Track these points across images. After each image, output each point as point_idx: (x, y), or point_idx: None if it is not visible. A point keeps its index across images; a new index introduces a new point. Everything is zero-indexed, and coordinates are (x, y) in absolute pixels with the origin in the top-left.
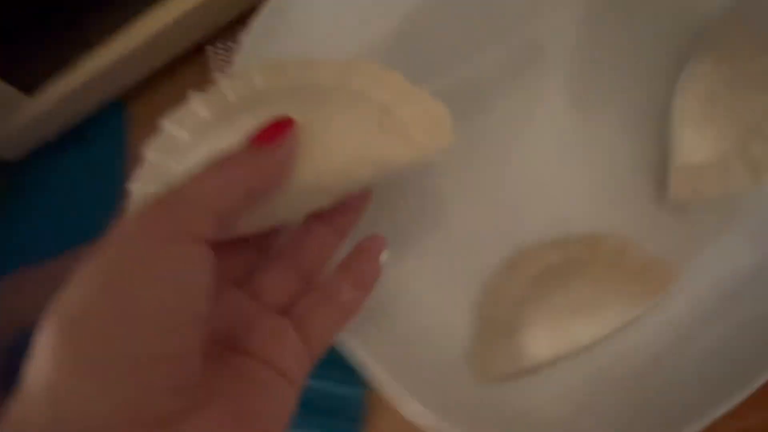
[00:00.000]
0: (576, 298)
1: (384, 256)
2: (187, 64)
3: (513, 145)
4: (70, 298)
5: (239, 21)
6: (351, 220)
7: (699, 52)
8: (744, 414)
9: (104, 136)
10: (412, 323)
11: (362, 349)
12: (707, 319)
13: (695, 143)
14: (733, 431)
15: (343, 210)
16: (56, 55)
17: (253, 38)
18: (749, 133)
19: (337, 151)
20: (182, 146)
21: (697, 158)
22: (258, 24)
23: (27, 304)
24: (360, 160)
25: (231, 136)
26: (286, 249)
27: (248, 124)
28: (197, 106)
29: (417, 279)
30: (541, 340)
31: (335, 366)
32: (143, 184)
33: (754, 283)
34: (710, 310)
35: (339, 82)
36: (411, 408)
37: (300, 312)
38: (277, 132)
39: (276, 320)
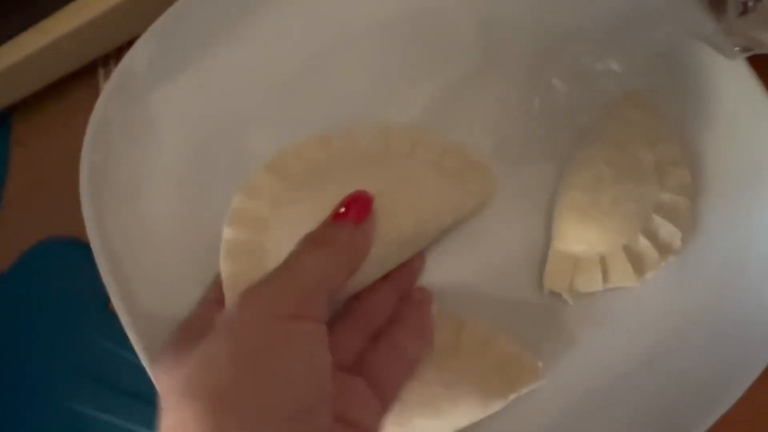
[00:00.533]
0: (427, 390)
1: (434, 309)
2: (78, 83)
3: None
4: (208, 376)
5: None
6: (412, 280)
7: (589, 135)
8: None
9: None
10: None
11: None
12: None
13: (577, 232)
14: None
15: (405, 270)
16: None
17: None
18: (633, 225)
19: (414, 210)
20: (263, 219)
21: (578, 248)
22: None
23: None
24: (436, 214)
25: (309, 206)
26: (352, 308)
27: (323, 192)
28: (268, 179)
29: None
30: None
31: None
32: (234, 263)
33: (640, 371)
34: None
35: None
36: None
37: (371, 369)
38: (364, 208)
39: (352, 381)
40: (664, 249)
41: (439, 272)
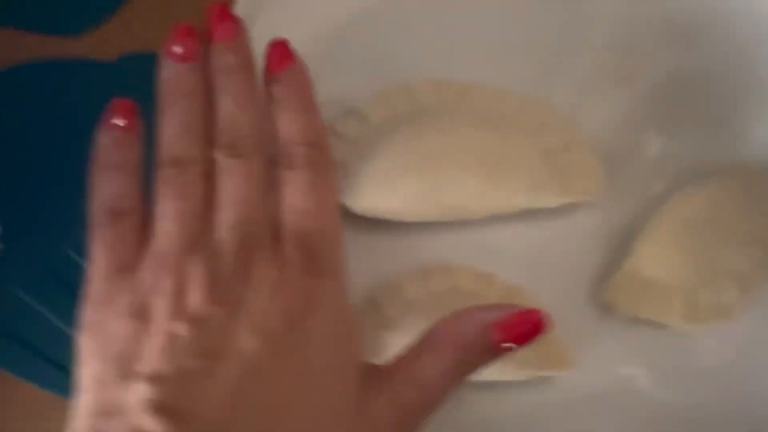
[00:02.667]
0: None
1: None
2: None
3: None
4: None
5: None
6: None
7: (699, 180)
8: None
9: None
10: None
11: None
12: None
13: (652, 258)
14: None
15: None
16: None
17: None
18: (706, 278)
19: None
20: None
21: (647, 273)
22: None
23: None
24: (525, 191)
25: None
26: None
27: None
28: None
29: None
30: None
31: None
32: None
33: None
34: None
35: (514, 116)
36: None
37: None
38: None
39: None
40: (720, 311)
41: (499, 244)
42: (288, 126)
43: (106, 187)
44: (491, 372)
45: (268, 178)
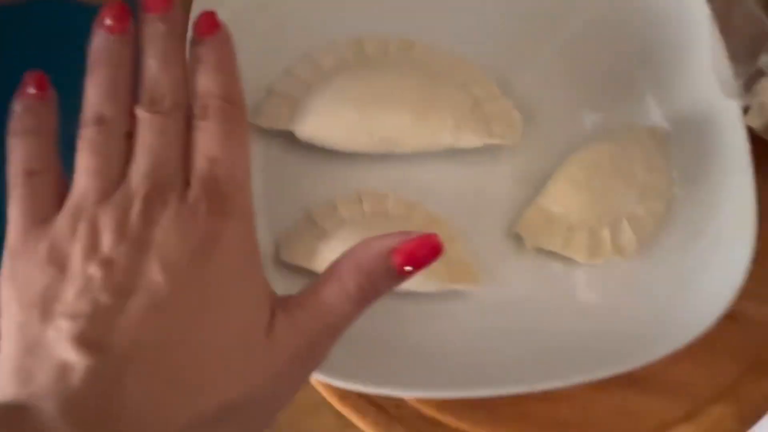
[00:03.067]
0: None
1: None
2: None
3: None
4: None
5: None
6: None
7: (608, 135)
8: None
9: None
10: None
11: None
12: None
13: (561, 197)
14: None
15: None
16: None
17: None
18: (607, 219)
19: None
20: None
21: (556, 210)
22: None
23: None
24: (451, 129)
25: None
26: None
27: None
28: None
29: None
30: None
31: None
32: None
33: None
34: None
35: (448, 71)
36: None
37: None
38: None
39: None
40: (617, 249)
41: (427, 177)
42: (205, 82)
43: (21, 150)
44: (409, 283)
45: (187, 134)
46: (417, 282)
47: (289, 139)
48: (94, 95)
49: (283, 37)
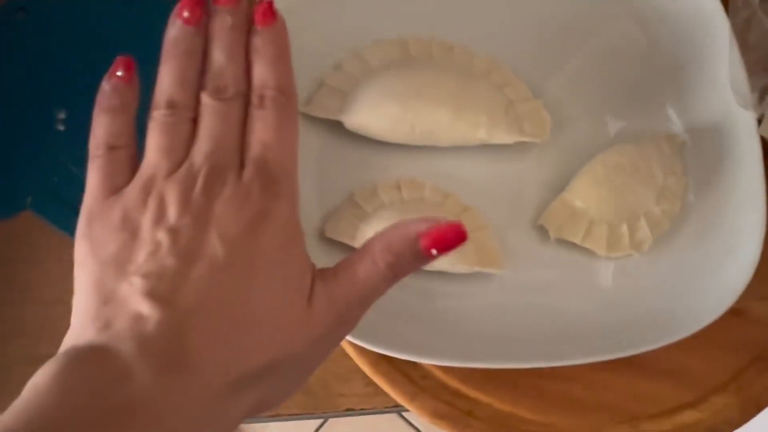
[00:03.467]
0: None
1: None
2: None
3: None
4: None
5: None
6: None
7: (629, 139)
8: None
9: None
10: None
11: None
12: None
13: (584, 193)
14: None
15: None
16: None
17: None
18: (626, 216)
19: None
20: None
21: (579, 205)
22: None
23: None
24: (486, 125)
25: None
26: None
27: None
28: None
29: None
30: None
31: None
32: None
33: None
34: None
35: (485, 73)
36: None
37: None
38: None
39: None
40: (634, 244)
41: (461, 170)
42: (263, 73)
43: (104, 125)
44: (441, 264)
45: (245, 120)
46: (448, 263)
47: (337, 127)
48: (167, 82)
49: (334, 34)
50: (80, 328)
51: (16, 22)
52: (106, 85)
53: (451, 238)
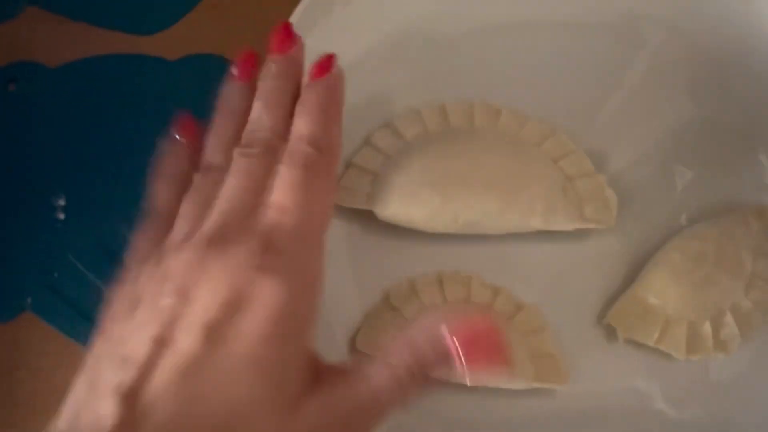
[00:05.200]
0: None
1: None
2: None
3: None
4: None
5: None
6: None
7: (710, 219)
8: None
9: None
10: None
11: None
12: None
13: (658, 287)
14: None
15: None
16: None
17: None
18: (708, 312)
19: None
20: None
21: (653, 302)
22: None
23: None
24: (541, 213)
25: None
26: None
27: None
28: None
29: None
30: None
31: None
32: None
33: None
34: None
35: (537, 142)
36: None
37: None
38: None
39: None
40: (719, 345)
41: (513, 258)
42: (300, 126)
43: (162, 192)
44: (488, 379)
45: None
46: (501, 379)
47: (368, 214)
48: (210, 144)
49: (361, 102)
50: (61, 412)
51: (7, 95)
52: (166, 147)
53: (481, 337)
